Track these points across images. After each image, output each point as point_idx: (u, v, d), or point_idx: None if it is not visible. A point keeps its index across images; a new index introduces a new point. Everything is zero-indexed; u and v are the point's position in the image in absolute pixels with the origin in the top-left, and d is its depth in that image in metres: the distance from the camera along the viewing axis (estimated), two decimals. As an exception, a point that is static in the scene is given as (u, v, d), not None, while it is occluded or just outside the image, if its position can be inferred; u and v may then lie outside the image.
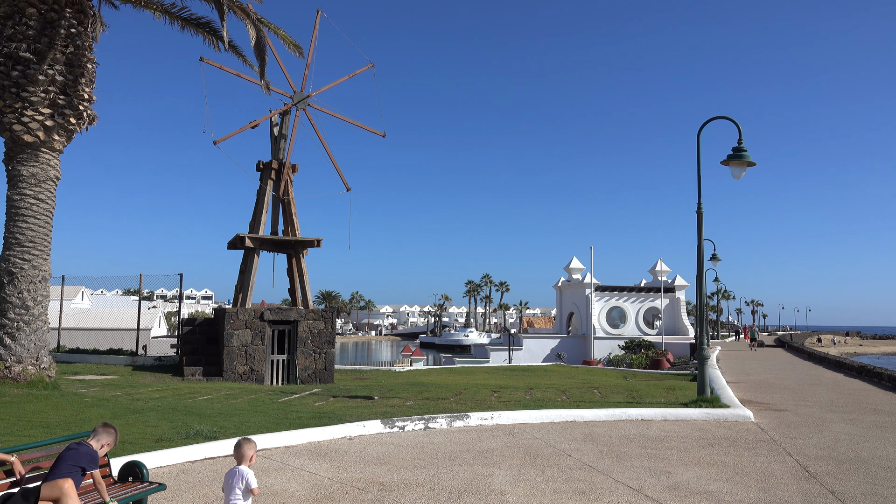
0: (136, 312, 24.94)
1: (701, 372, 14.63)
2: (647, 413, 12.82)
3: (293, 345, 21.16)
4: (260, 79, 18.71)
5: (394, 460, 8.97)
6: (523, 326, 75.35)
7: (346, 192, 24.10)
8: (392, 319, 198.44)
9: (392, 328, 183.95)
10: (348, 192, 24.14)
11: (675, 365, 32.13)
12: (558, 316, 61.45)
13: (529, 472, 8.35)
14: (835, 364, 28.32)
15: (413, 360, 39.47)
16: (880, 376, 20.83)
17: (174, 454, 8.66)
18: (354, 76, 24.98)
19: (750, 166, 14.47)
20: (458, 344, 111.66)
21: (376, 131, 25.00)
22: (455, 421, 11.83)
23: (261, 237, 22.15)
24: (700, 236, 15.10)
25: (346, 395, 15.99)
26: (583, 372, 26.41)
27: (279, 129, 23.37)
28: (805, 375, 23.51)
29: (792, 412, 13.78)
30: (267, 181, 22.74)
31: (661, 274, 56.76)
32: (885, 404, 15.09)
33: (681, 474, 8.25)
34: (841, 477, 8.12)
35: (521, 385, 19.06)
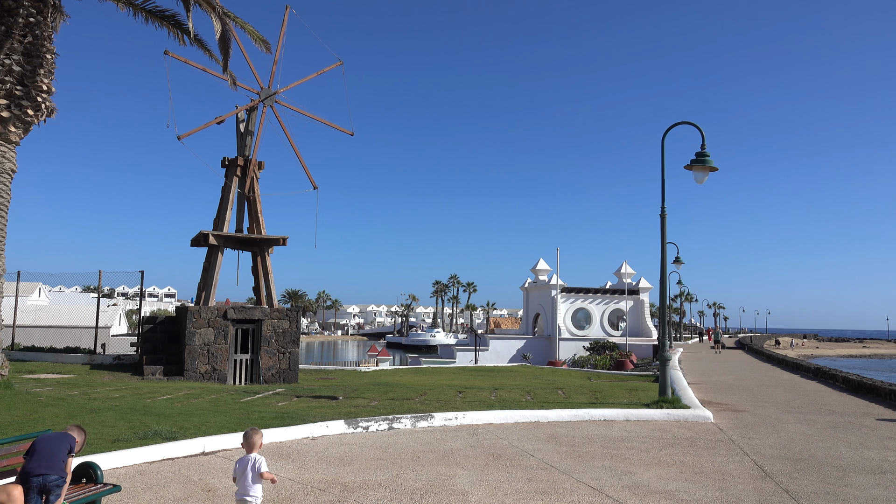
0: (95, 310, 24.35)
1: (662, 373, 14.85)
2: (610, 413, 12.96)
3: (257, 344, 20.89)
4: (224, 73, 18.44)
5: (357, 461, 8.91)
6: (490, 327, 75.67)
7: (313, 190, 23.90)
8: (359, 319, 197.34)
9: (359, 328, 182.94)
10: (315, 190, 23.95)
11: (638, 366, 32.54)
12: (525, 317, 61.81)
13: (492, 472, 8.37)
14: (792, 366, 29.01)
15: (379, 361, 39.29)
16: (835, 378, 21.40)
17: (131, 455, 8.47)
18: (323, 74, 24.77)
19: (712, 171, 14.74)
20: (424, 344, 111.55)
21: (344, 130, 24.85)
22: (419, 421, 11.80)
23: (225, 234, 21.83)
24: (663, 239, 15.32)
25: (310, 396, 15.84)
26: (548, 373, 26.58)
27: (245, 125, 23.06)
28: (763, 377, 24.03)
29: (750, 413, 14.07)
30: (232, 178, 22.42)
31: (625, 276, 57.50)
32: (839, 405, 15.50)
33: (641, 474, 8.35)
34: (795, 476, 8.31)
35: (486, 385, 19.11)
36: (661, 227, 15.31)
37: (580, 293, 55.12)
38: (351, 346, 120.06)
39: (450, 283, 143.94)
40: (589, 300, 55.36)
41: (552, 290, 53.28)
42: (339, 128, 24.61)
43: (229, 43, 17.34)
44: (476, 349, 45.10)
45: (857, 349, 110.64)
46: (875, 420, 13.19)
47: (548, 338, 51.16)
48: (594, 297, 55.63)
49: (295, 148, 23.43)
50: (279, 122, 23.15)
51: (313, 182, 23.82)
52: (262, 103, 22.91)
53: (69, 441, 5.80)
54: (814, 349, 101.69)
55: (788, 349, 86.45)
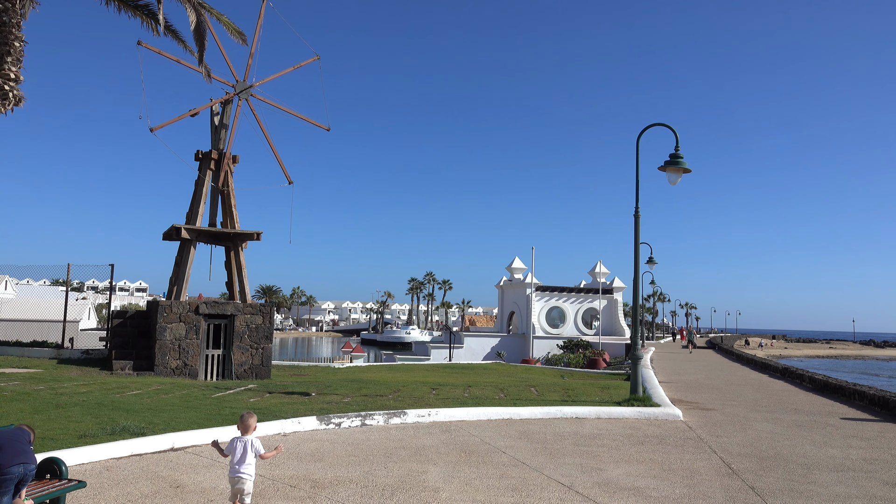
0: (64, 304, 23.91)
1: (634, 372, 15.01)
2: (582, 411, 13.07)
3: (229, 339, 20.69)
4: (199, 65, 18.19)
5: (328, 457, 8.88)
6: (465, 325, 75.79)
7: (288, 185, 23.73)
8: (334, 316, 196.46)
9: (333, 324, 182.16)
10: (290, 185, 23.78)
11: (611, 365, 32.87)
12: (499, 315, 62.05)
13: (464, 468, 8.39)
14: (760, 366, 29.52)
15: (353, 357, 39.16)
16: (801, 378, 21.82)
17: (98, 451, 8.34)
18: (300, 68, 24.59)
19: (686, 173, 14.92)
20: (399, 341, 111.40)
21: (321, 125, 24.70)
22: (392, 418, 11.79)
23: (198, 229, 21.56)
24: (637, 240, 15.47)
25: (283, 392, 15.73)
26: (521, 370, 26.73)
27: (220, 118, 22.80)
28: (733, 376, 24.41)
29: (719, 411, 14.28)
30: (206, 171, 22.15)
31: (600, 275, 57.98)
32: (805, 404, 15.80)
33: (611, 471, 8.43)
34: (761, 473, 8.46)
35: (459, 383, 19.15)
36: (635, 228, 15.46)
37: (555, 292, 55.47)
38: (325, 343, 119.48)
39: (426, 280, 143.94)
40: (563, 299, 55.74)
41: (527, 289, 53.54)
42: (315, 123, 24.47)
43: (204, 34, 17.11)
44: (451, 346, 45.16)
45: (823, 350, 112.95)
46: (839, 419, 13.47)
47: (522, 336, 51.41)
48: (569, 295, 56.03)
49: (270, 142, 23.24)
50: (254, 116, 22.94)
51: (288, 177, 23.65)
52: (237, 96, 22.66)
53: (27, 435, 5.86)
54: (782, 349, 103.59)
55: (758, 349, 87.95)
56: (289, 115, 23.84)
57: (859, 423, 12.93)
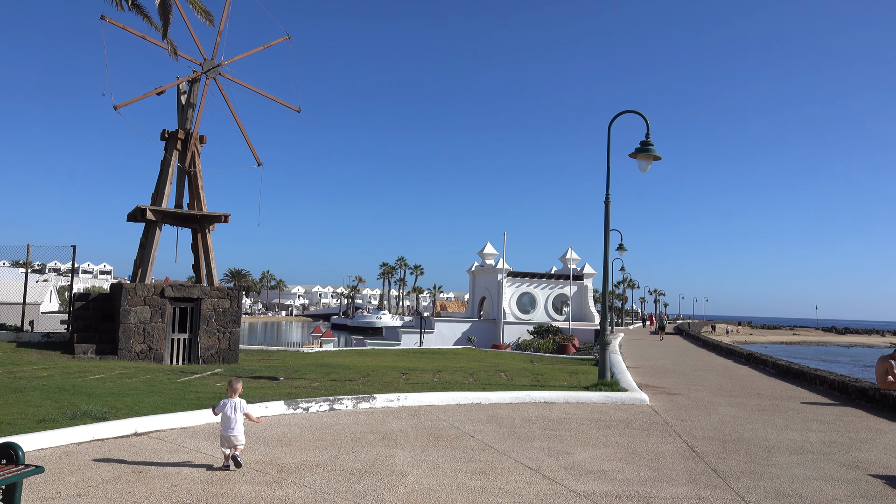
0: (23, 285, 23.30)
1: (602, 357, 15.16)
2: (550, 396, 13.16)
3: (196, 323, 20.38)
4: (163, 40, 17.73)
5: (295, 442, 8.80)
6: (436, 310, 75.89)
7: (257, 166, 23.34)
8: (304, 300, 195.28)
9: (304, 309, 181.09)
10: (259, 167, 23.39)
11: (580, 350, 33.19)
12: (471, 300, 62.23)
13: (432, 452, 8.38)
14: (726, 351, 30.09)
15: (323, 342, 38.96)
16: (765, 363, 22.29)
17: (57, 436, 8.15)
18: (270, 47, 24.12)
19: (656, 160, 15.02)
20: (370, 326, 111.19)
21: (291, 106, 24.30)
22: (361, 402, 11.73)
23: (164, 210, 21.13)
24: (607, 226, 15.56)
25: (250, 376, 15.56)
26: (492, 356, 26.84)
27: (187, 97, 22.29)
28: (699, 362, 24.84)
29: (684, 396, 14.51)
30: (172, 151, 21.67)
31: (570, 262, 58.44)
32: (768, 389, 16.14)
33: (578, 454, 8.50)
34: (724, 456, 8.61)
35: (429, 368, 19.16)
36: (605, 214, 15.54)
37: (526, 278, 55.79)
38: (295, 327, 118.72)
39: (397, 265, 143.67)
40: (534, 285, 56.09)
41: (498, 275, 53.72)
42: (285, 104, 24.06)
43: (170, 9, 16.68)
44: (421, 332, 45.18)
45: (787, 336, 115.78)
46: (800, 403, 13.79)
47: (493, 321, 51.65)
48: (539, 281, 56.39)
49: (239, 122, 22.82)
50: (223, 96, 22.47)
51: (257, 158, 23.27)
52: (204, 75, 22.16)
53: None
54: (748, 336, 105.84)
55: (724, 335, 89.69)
56: (258, 95, 23.42)
57: (819, 407, 13.24)
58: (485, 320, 53.91)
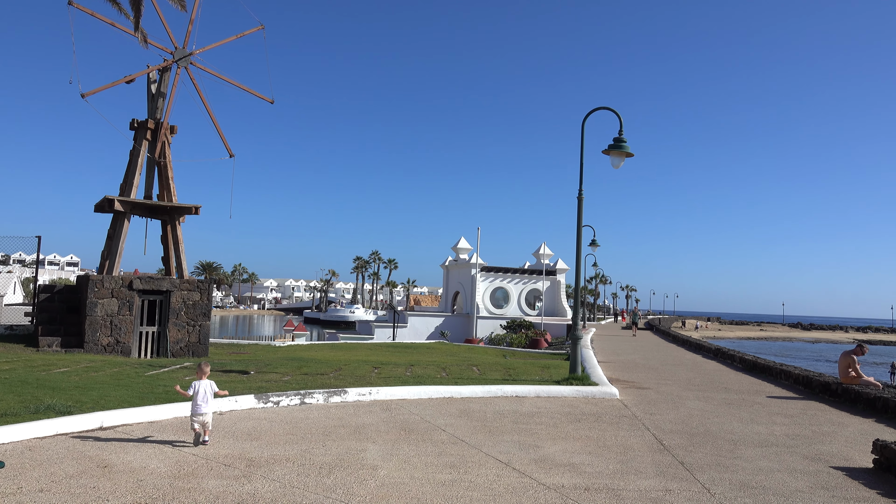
0: (-13, 277, 22.73)
1: (573, 351, 15.28)
2: (522, 390, 13.23)
3: (165, 316, 20.08)
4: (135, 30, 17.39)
5: (265, 436, 8.73)
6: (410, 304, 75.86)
7: (229, 158, 23.05)
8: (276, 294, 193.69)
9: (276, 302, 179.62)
10: (231, 158, 23.10)
11: (552, 345, 33.43)
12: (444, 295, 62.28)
13: (403, 446, 8.38)
14: (695, 347, 30.54)
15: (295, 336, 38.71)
16: (732, 358, 22.67)
17: (19, 430, 7.97)
18: (243, 37, 23.82)
19: (628, 157, 15.15)
20: (343, 320, 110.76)
21: (264, 97, 24.04)
22: (332, 396, 11.68)
23: (132, 201, 20.76)
24: (579, 222, 15.67)
25: (220, 370, 15.39)
26: (464, 350, 26.90)
27: (157, 86, 21.91)
28: (668, 357, 25.18)
29: (654, 390, 14.69)
30: (142, 141, 21.30)
31: (544, 257, 58.76)
32: (735, 383, 16.42)
33: (548, 448, 8.56)
34: (691, 449, 8.74)
35: (402, 362, 19.14)
36: (578, 210, 15.64)
37: (499, 272, 55.96)
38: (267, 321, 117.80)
39: (371, 259, 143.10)
40: (507, 280, 56.31)
41: (472, 269, 53.83)
42: (258, 94, 23.79)
43: (140, -3, 16.35)
44: (394, 326, 45.12)
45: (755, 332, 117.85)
46: (766, 397, 14.05)
47: (466, 316, 51.76)
48: (513, 276, 56.63)
49: (210, 113, 22.50)
50: (194, 85, 22.15)
51: (229, 150, 22.98)
52: (175, 64, 21.80)
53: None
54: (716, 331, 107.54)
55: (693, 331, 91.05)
56: (231, 85, 23.12)
57: (784, 401, 13.51)
58: (458, 315, 54.02)
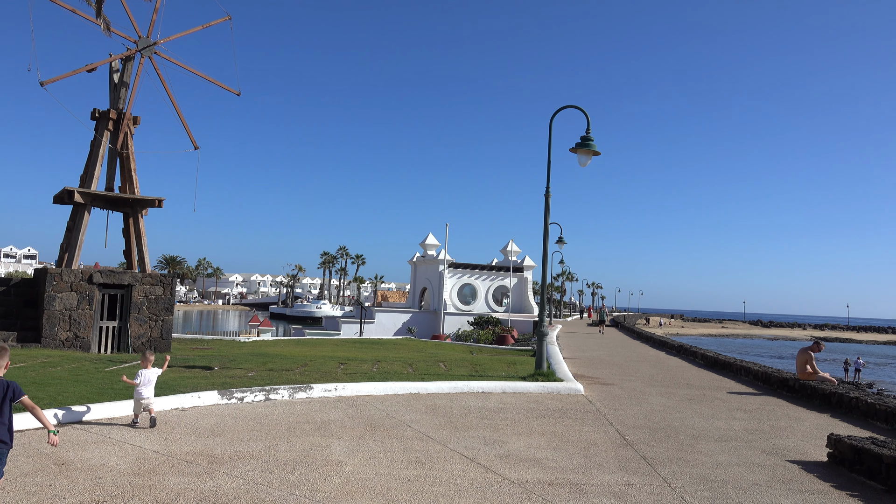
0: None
1: (539, 348, 15.40)
2: (488, 386, 13.29)
3: (126, 311, 19.68)
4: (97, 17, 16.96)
5: (229, 432, 8.62)
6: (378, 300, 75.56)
7: (193, 150, 22.67)
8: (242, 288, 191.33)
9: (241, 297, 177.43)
10: (196, 150, 22.72)
11: (519, 341, 33.66)
12: (412, 291, 62.22)
13: (369, 442, 8.35)
14: (658, 343, 31.04)
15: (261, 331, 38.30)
16: (695, 355, 23.09)
17: (-28, 427, 7.72)
18: (209, 27, 23.42)
19: (595, 155, 15.29)
20: (309, 315, 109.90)
21: (231, 89, 23.68)
22: (297, 392, 11.58)
23: (93, 193, 20.29)
24: (546, 219, 15.77)
25: (183, 366, 15.15)
26: (431, 346, 26.92)
27: (120, 76, 21.42)
28: (632, 353, 25.54)
29: (618, 386, 14.89)
30: (103, 132, 20.81)
31: (511, 254, 59.08)
32: (696, 379, 16.73)
33: (513, 443, 8.62)
34: (653, 444, 8.88)
35: (368, 358, 19.07)
36: (545, 208, 15.75)
37: (467, 269, 56.11)
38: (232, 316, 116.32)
39: (338, 254, 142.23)
40: (475, 276, 56.49)
41: (440, 265, 53.87)
42: (224, 86, 23.43)
43: (103, -16, 15.95)
44: (361, 321, 44.93)
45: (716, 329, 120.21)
46: (726, 393, 14.35)
47: (434, 312, 51.80)
48: (480, 273, 56.83)
49: (175, 104, 22.08)
50: (158, 76, 21.71)
51: (194, 142, 22.60)
52: (139, 53, 21.34)
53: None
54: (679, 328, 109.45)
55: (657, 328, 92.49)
56: (196, 76, 22.71)
57: (743, 397, 13.82)
58: (426, 311, 54.02)
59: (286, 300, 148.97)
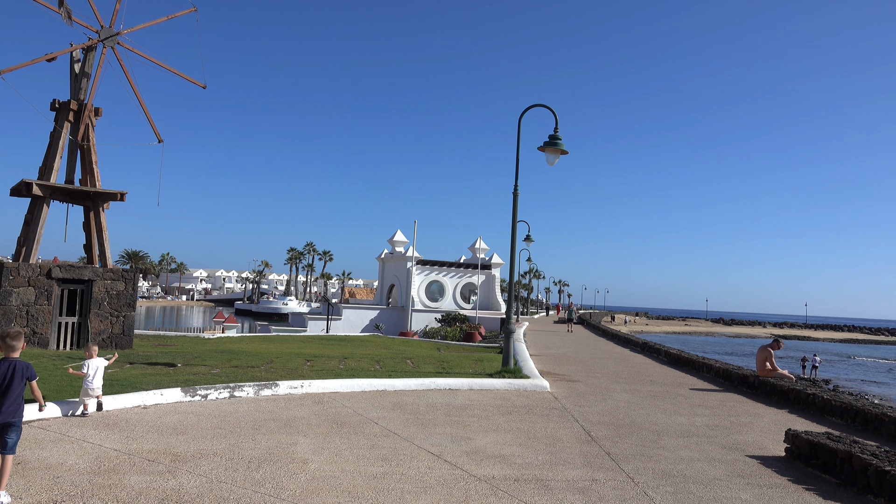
0: None
1: (506, 345, 15.49)
2: (455, 383, 13.33)
3: (86, 306, 19.24)
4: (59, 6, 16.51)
5: (192, 430, 8.49)
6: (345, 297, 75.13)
7: (157, 143, 22.21)
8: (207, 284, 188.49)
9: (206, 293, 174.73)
10: (160, 143, 22.29)
11: (486, 338, 33.78)
12: (380, 287, 62.03)
13: (335, 439, 8.31)
14: (623, 340, 31.45)
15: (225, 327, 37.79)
16: (658, 352, 23.47)
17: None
18: (175, 18, 22.96)
19: (563, 154, 15.42)
20: (276, 312, 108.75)
21: (196, 81, 23.26)
22: (263, 389, 11.46)
23: (52, 185, 19.76)
24: (514, 217, 15.86)
25: (146, 362, 14.88)
26: (399, 343, 26.87)
27: (81, 66, 20.88)
28: (598, 350, 25.85)
29: (583, 383, 15.06)
30: (64, 123, 20.27)
31: (479, 251, 59.28)
32: (660, 376, 17.01)
33: (479, 440, 8.66)
34: (617, 440, 9.01)
35: (335, 354, 18.96)
36: (513, 206, 15.83)
37: (435, 266, 56.14)
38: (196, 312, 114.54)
39: (305, 250, 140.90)
40: (443, 273, 56.54)
41: (408, 262, 53.80)
42: (190, 79, 23.02)
43: (64, -29, 15.53)
44: (328, 318, 44.63)
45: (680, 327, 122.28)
46: (689, 389, 14.62)
47: (401, 309, 51.71)
48: (448, 270, 56.90)
49: (139, 96, 21.63)
50: (122, 67, 21.20)
51: (158, 135, 22.15)
52: (101, 43, 20.83)
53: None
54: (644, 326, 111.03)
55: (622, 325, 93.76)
56: (161, 68, 22.26)
57: (705, 393, 14.09)
58: (393, 308, 53.90)
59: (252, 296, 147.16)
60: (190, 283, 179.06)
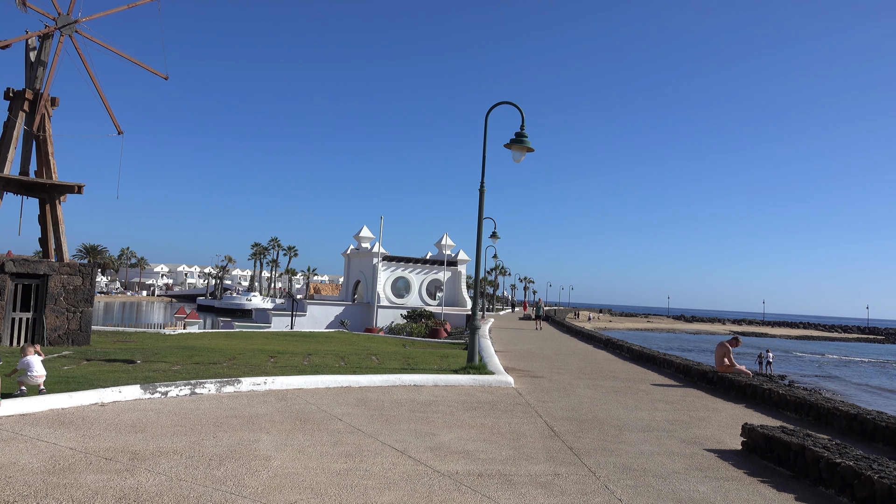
0: None
1: (471, 341, 15.55)
2: (420, 379, 13.33)
3: (42, 302, 18.73)
4: (13, -9, 15.99)
5: (151, 428, 8.34)
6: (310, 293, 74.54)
7: (117, 135, 21.69)
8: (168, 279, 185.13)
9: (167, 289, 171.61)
10: (120, 135, 21.77)
11: (451, 334, 33.83)
12: (345, 283, 61.68)
13: (298, 436, 8.25)
14: (587, 337, 31.83)
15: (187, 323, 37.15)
16: (621, 348, 23.80)
17: None
18: (135, 7, 22.42)
19: (529, 151, 15.52)
20: (239, 308, 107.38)
21: (158, 72, 22.77)
22: (225, 386, 11.31)
23: (6, 177, 19.17)
24: (480, 213, 15.92)
25: (103, 359, 14.56)
26: (364, 339, 26.75)
27: (37, 54, 20.27)
28: (562, 346, 26.11)
29: (547, 379, 15.20)
30: (18, 113, 19.66)
31: (446, 248, 59.32)
32: (622, 372, 17.26)
33: (443, 436, 8.69)
34: (579, 435, 9.12)
35: (300, 351, 18.80)
36: (480, 202, 15.88)
37: (401, 262, 56.03)
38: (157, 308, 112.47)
39: (270, 245, 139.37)
40: (409, 269, 56.47)
41: (374, 258, 53.59)
42: (151, 69, 22.51)
43: (19, -44, 15.04)
44: (293, 314, 44.23)
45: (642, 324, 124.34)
46: (650, 385, 14.86)
47: (367, 305, 51.48)
48: (414, 266, 56.85)
49: (97, 86, 21.08)
50: (80, 56, 20.64)
51: (118, 126, 21.63)
52: (59, 31, 20.26)
53: None
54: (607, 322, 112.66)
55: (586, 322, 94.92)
56: (122, 58, 21.73)
57: (666, 389, 14.35)
58: (359, 304, 53.64)
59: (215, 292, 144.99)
60: (150, 279, 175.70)
